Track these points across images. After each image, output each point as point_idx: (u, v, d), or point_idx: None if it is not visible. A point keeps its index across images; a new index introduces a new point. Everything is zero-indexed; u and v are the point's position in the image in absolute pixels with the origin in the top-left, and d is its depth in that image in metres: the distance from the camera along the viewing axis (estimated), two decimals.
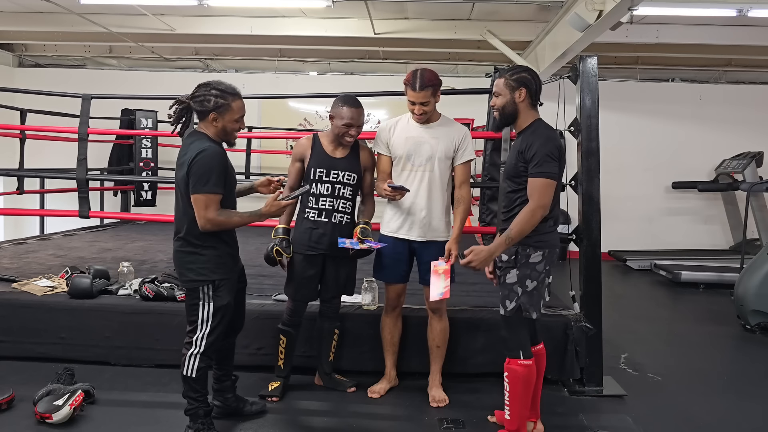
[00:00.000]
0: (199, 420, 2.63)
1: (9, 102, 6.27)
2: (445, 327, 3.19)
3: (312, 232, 3.08)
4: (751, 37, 6.73)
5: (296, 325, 3.21)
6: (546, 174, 2.53)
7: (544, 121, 2.71)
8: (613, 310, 5.05)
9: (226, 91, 2.58)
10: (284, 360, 3.23)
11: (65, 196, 6.57)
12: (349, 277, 3.23)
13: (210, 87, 2.57)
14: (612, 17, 4.85)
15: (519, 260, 2.61)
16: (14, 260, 4.82)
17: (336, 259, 3.12)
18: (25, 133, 6.29)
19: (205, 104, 2.55)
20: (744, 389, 3.66)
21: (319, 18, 6.98)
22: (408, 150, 3.09)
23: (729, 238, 8.33)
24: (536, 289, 2.63)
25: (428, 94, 2.96)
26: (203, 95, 2.56)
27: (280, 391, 3.19)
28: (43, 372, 3.27)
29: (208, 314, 2.59)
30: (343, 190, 3.09)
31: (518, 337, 2.66)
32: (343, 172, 3.08)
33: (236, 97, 2.60)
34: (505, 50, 6.93)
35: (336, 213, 3.09)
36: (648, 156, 8.46)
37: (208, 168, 2.48)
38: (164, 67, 8.93)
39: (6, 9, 7.03)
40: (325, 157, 3.09)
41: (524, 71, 2.69)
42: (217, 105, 2.55)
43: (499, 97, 2.68)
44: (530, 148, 2.56)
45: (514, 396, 2.63)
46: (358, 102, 3.06)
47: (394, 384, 3.33)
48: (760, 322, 4.79)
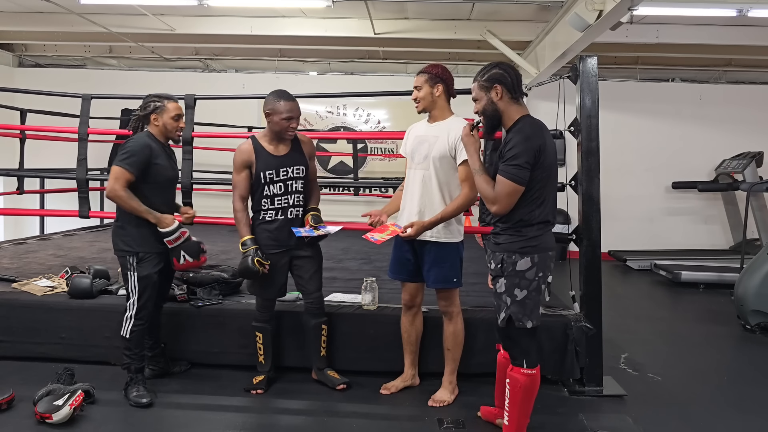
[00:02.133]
0: (131, 374, 3.09)
1: (9, 102, 6.27)
2: (456, 330, 3.15)
3: (271, 232, 3.16)
4: (751, 37, 6.73)
5: (268, 321, 3.28)
6: (512, 176, 2.42)
7: (531, 118, 2.55)
8: (613, 310, 5.04)
9: (162, 96, 3.20)
10: (264, 355, 3.29)
11: (65, 196, 6.56)
12: (319, 267, 3.30)
13: (151, 96, 3.21)
14: (612, 17, 4.84)
15: (505, 269, 2.51)
16: (14, 260, 4.82)
17: (301, 252, 3.20)
18: (25, 133, 6.28)
19: (147, 107, 3.17)
20: (744, 389, 3.65)
21: (319, 18, 6.98)
22: (412, 148, 3.12)
23: (729, 238, 8.33)
24: (528, 298, 2.51)
25: (422, 79, 3.04)
26: (145, 103, 3.19)
27: (264, 384, 3.25)
28: (43, 372, 3.28)
29: (135, 282, 3.06)
30: (295, 185, 3.18)
31: (519, 346, 2.58)
32: (292, 168, 3.17)
33: (171, 99, 3.20)
34: (505, 50, 6.93)
35: (291, 208, 3.18)
36: (648, 156, 8.46)
37: (130, 150, 3.03)
38: (164, 67, 8.92)
39: (6, 9, 7.02)
40: (271, 158, 3.16)
41: (494, 67, 2.56)
42: (156, 107, 3.15)
43: (477, 102, 2.59)
44: (507, 144, 2.47)
45: (514, 403, 2.58)
46: (292, 95, 3.18)
47: (412, 383, 3.32)
48: (760, 322, 4.78)
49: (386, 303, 3.62)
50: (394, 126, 8.55)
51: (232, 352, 3.51)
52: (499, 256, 2.54)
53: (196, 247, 3.19)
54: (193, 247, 3.17)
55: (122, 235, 3.09)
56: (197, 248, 3.19)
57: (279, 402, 3.17)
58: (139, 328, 3.07)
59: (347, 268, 4.88)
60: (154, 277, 3.11)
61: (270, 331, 3.28)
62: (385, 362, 3.44)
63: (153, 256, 3.10)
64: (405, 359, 3.31)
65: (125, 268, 3.09)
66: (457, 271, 3.09)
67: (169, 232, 3.07)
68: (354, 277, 4.30)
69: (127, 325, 3.05)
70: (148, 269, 3.08)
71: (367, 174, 8.41)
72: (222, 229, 3.74)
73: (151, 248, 3.09)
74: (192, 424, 2.91)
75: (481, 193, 2.57)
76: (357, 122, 8.60)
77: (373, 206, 8.45)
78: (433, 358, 3.35)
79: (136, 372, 3.11)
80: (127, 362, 3.09)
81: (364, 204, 8.30)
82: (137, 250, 3.07)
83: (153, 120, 3.16)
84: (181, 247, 3.11)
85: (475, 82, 2.60)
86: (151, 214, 3.04)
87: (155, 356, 3.38)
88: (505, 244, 2.53)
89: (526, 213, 2.49)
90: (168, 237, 3.08)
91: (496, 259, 2.56)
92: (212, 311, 3.56)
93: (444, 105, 3.08)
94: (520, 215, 2.49)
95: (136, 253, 3.07)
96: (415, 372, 3.33)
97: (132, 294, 3.07)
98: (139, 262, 3.07)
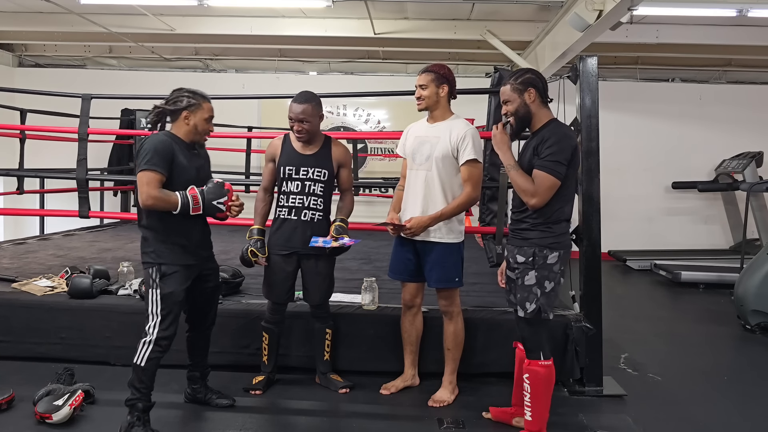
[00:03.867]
0: (136, 413, 2.61)
1: (9, 102, 6.27)
2: (456, 330, 3.15)
3: (283, 231, 3.12)
4: (751, 37, 6.72)
5: (278, 323, 3.24)
6: (552, 171, 2.54)
7: (559, 121, 2.71)
8: (613, 310, 5.04)
9: (197, 93, 2.79)
10: (268, 356, 3.27)
11: (65, 196, 6.56)
12: (326, 278, 3.21)
13: (182, 90, 2.79)
14: (612, 17, 4.85)
15: (537, 261, 2.61)
16: (14, 260, 4.82)
17: (312, 260, 3.14)
18: (25, 133, 6.29)
19: (178, 103, 2.75)
20: (744, 389, 3.66)
21: (319, 18, 6.98)
22: (413, 149, 3.11)
23: (729, 238, 8.33)
24: (553, 290, 2.64)
25: (428, 78, 3.01)
26: (176, 97, 2.77)
27: (263, 385, 3.24)
28: (43, 372, 3.27)
29: (156, 301, 2.64)
30: (314, 187, 3.11)
31: (538, 338, 2.67)
32: (313, 169, 3.11)
33: (206, 99, 2.81)
34: (505, 50, 6.93)
35: (306, 210, 3.11)
36: (648, 156, 8.46)
37: (150, 148, 2.63)
38: (164, 67, 8.93)
39: (6, 9, 7.02)
40: (295, 155, 3.13)
41: (527, 72, 2.69)
42: (189, 104, 2.74)
43: (509, 104, 2.66)
44: (545, 142, 2.56)
45: (536, 397, 2.63)
46: (306, 97, 3.09)
47: (412, 383, 3.31)
48: (760, 322, 4.78)
49: (386, 303, 3.62)
50: (394, 126, 8.57)
51: (232, 352, 3.50)
52: (530, 250, 2.62)
53: (214, 186, 2.72)
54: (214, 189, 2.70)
55: (147, 246, 2.71)
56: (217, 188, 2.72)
57: (279, 402, 3.17)
58: (158, 355, 2.63)
59: (347, 268, 4.88)
60: (181, 295, 2.69)
61: (277, 334, 3.26)
62: (385, 362, 3.44)
63: (179, 273, 2.68)
64: (405, 359, 3.31)
65: (147, 284, 2.69)
66: (458, 270, 3.09)
67: (183, 206, 2.62)
68: (354, 277, 4.30)
69: (144, 352, 2.61)
70: (174, 285, 2.66)
71: (367, 174, 8.42)
72: (222, 229, 3.73)
73: (176, 261, 2.68)
74: (192, 424, 2.91)
75: (518, 186, 2.62)
76: (357, 122, 8.61)
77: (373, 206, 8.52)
78: (433, 358, 3.35)
79: (143, 411, 2.62)
80: (133, 398, 2.61)
81: (364, 204, 8.31)
82: (160, 261, 2.65)
83: (184, 117, 2.74)
84: (207, 204, 2.66)
85: (506, 85, 2.68)
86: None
87: (191, 378, 3.02)
88: (537, 239, 2.62)
89: (556, 210, 2.61)
90: (186, 210, 2.62)
91: (525, 253, 2.63)
92: None
93: (446, 105, 3.08)
94: (550, 211, 2.61)
95: (158, 266, 2.65)
96: (415, 372, 3.33)
97: (153, 315, 2.63)
98: (163, 277, 2.65)
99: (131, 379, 2.63)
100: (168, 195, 2.61)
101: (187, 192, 2.64)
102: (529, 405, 2.65)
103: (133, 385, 2.62)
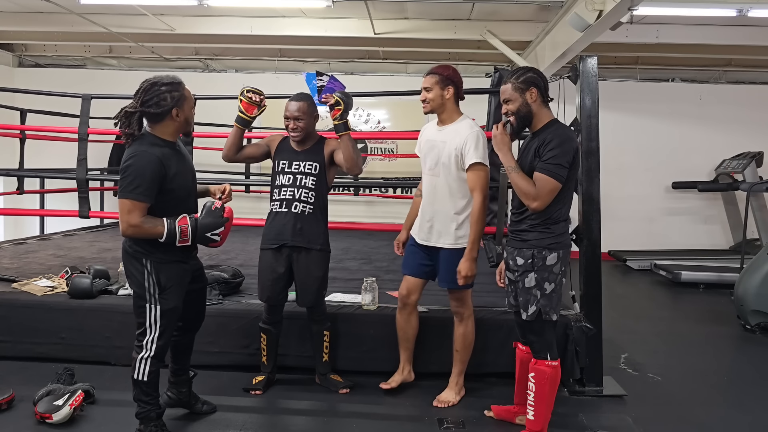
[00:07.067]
0: (152, 423, 2.59)
1: (9, 102, 6.27)
2: (466, 332, 3.14)
3: (275, 225, 3.15)
4: (751, 37, 6.72)
5: (275, 324, 3.24)
6: (554, 174, 2.52)
7: (560, 122, 2.69)
8: (613, 310, 5.05)
9: (173, 82, 2.52)
10: (267, 357, 3.28)
11: (65, 196, 6.57)
12: (317, 279, 3.17)
13: (157, 85, 2.48)
14: (612, 17, 4.85)
15: (536, 263, 2.61)
16: (14, 260, 4.82)
17: (302, 254, 3.13)
18: (25, 133, 6.29)
19: (163, 103, 2.48)
20: (744, 389, 3.66)
21: (319, 18, 6.97)
22: (424, 153, 3.12)
23: (729, 238, 8.33)
24: (554, 291, 2.63)
25: (433, 80, 2.99)
26: (155, 95, 2.47)
27: (263, 385, 3.24)
28: (43, 372, 3.27)
29: (156, 318, 2.53)
30: (305, 180, 3.14)
31: (544, 339, 2.67)
32: (304, 162, 3.15)
33: (183, 83, 2.57)
34: (505, 50, 6.93)
35: (296, 203, 3.13)
36: (648, 156, 8.46)
37: (136, 173, 2.40)
38: (164, 67, 8.91)
39: (6, 9, 7.02)
40: (289, 150, 3.21)
41: (529, 71, 2.67)
42: (176, 99, 2.50)
43: (510, 103, 2.65)
44: (547, 144, 2.55)
45: (541, 397, 2.64)
46: (302, 96, 3.16)
47: (408, 379, 3.32)
48: (760, 322, 4.78)
49: (386, 303, 3.62)
50: (394, 126, 8.56)
51: (232, 352, 3.51)
52: (529, 252, 2.61)
53: (212, 217, 2.54)
54: (210, 220, 2.52)
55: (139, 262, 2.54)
56: (214, 219, 2.54)
57: (280, 402, 3.17)
58: (158, 367, 2.58)
59: (347, 268, 4.88)
60: (180, 309, 2.61)
61: (275, 335, 3.26)
62: (385, 362, 3.43)
63: (176, 286, 2.58)
64: (401, 355, 3.31)
65: (143, 300, 2.53)
66: None
67: (169, 237, 2.45)
68: (354, 277, 4.30)
69: (143, 367, 2.54)
70: (173, 301, 2.56)
71: (367, 174, 8.40)
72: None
73: (173, 276, 2.58)
74: (192, 424, 2.90)
75: (520, 189, 2.60)
76: (357, 122, 8.60)
77: (373, 206, 8.50)
78: (436, 359, 3.36)
79: (157, 418, 2.60)
80: (144, 410, 2.58)
81: (364, 204, 8.32)
82: (159, 279, 2.53)
83: (174, 116, 2.51)
84: (198, 235, 2.51)
85: (508, 84, 2.66)
86: None
87: (178, 383, 2.90)
88: (535, 240, 2.62)
89: (555, 210, 2.60)
90: (172, 241, 2.46)
91: (524, 255, 2.63)
92: (212, 311, 3.54)
93: (453, 107, 3.05)
94: (550, 212, 2.60)
95: (158, 283, 2.53)
96: (410, 368, 3.33)
97: (151, 330, 2.53)
98: (162, 293, 2.54)
99: (136, 393, 2.58)
100: (153, 225, 2.43)
101: (176, 223, 2.46)
102: (533, 404, 2.66)
103: (140, 399, 2.58)
